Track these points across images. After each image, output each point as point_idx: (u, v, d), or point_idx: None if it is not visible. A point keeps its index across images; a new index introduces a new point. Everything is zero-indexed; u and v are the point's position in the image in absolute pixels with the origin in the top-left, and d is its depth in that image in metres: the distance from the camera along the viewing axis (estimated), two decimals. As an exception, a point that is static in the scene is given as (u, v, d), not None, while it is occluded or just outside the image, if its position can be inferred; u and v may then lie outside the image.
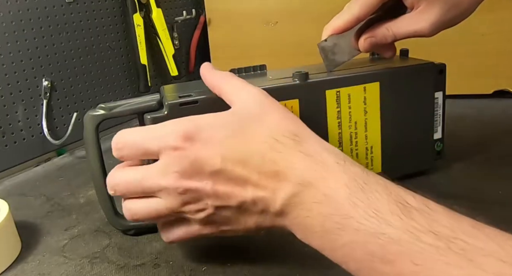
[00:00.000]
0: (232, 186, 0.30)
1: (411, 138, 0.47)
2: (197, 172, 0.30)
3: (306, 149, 0.30)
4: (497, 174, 0.49)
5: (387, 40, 0.42)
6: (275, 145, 0.30)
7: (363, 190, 0.27)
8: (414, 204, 0.25)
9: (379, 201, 0.26)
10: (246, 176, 0.30)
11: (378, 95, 0.45)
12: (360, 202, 0.26)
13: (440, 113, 0.48)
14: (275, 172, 0.29)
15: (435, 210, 0.25)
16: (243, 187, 0.30)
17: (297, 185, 0.28)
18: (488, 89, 0.76)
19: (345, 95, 0.43)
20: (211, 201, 0.31)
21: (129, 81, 0.80)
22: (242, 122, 0.31)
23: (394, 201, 0.26)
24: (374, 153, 0.46)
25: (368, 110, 0.44)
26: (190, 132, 0.30)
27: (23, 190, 0.56)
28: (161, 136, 0.31)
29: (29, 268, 0.39)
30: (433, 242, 0.23)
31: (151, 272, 0.37)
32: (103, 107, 0.38)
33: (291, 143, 0.30)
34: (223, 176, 0.30)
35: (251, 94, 0.33)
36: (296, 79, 0.42)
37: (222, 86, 0.35)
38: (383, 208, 0.25)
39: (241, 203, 0.30)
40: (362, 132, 0.45)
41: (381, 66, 0.46)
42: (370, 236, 0.25)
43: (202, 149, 0.30)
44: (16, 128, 0.62)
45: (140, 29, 0.77)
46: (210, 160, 0.30)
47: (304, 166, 0.29)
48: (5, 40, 0.60)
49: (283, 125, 0.31)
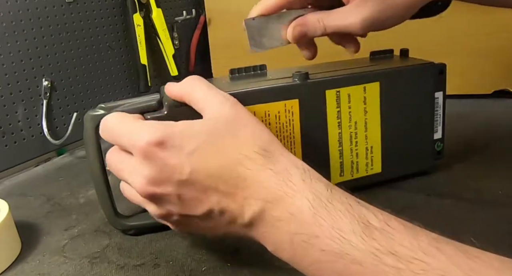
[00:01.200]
0: (199, 196, 0.30)
1: (411, 138, 0.47)
2: (164, 179, 0.30)
3: (275, 166, 0.30)
4: (497, 174, 0.49)
5: (317, 32, 0.41)
6: (244, 162, 0.30)
7: (327, 209, 0.27)
8: (375, 223, 0.26)
9: (342, 221, 0.26)
10: (214, 187, 0.30)
11: (378, 95, 0.44)
12: (324, 221, 0.26)
13: (440, 113, 0.48)
14: (243, 188, 0.29)
15: (396, 229, 0.25)
16: (210, 198, 0.30)
17: (264, 202, 0.29)
18: (488, 89, 0.76)
19: (345, 95, 0.43)
20: (177, 209, 0.31)
21: (129, 81, 0.80)
22: (214, 134, 0.31)
23: (356, 221, 0.26)
24: (374, 153, 0.46)
25: (368, 110, 0.44)
26: (162, 138, 0.30)
27: (23, 190, 0.56)
28: (136, 136, 0.31)
29: (29, 268, 0.39)
30: (393, 263, 0.23)
31: (151, 272, 0.37)
32: (103, 107, 0.38)
33: (261, 159, 0.30)
34: (190, 186, 0.30)
35: (222, 103, 0.33)
36: (296, 79, 0.42)
37: (191, 92, 0.34)
38: (346, 228, 0.26)
39: (207, 213, 0.30)
40: (362, 132, 0.45)
41: (381, 66, 0.46)
42: (335, 256, 0.25)
43: (171, 157, 0.30)
44: (16, 128, 0.62)
45: (140, 29, 0.77)
46: (178, 169, 0.30)
47: (272, 183, 0.29)
48: (5, 40, 0.60)
49: (254, 140, 0.31)
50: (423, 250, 0.24)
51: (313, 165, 0.42)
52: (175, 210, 0.31)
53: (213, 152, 0.30)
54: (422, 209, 0.43)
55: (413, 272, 0.23)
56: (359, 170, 0.46)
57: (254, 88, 0.40)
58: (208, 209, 0.30)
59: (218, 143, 0.30)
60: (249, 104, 0.39)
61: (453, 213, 0.42)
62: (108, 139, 0.34)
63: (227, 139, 0.31)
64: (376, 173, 0.47)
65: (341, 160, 0.45)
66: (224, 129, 0.31)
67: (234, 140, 0.31)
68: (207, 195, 0.30)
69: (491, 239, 0.37)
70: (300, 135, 0.42)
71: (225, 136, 0.31)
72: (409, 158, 0.48)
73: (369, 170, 0.46)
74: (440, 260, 0.23)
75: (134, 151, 0.31)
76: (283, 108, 0.41)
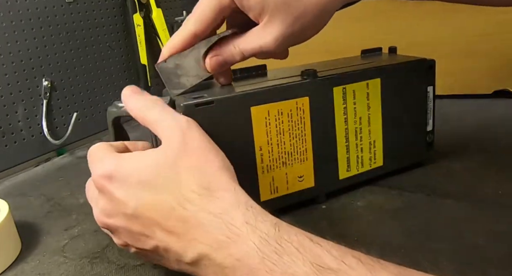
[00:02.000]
0: (145, 231, 0.30)
1: (408, 131, 0.49)
2: (113, 211, 0.31)
3: (214, 208, 0.28)
4: (497, 174, 0.49)
5: (235, 58, 0.38)
6: (183, 203, 0.29)
7: (276, 252, 0.25)
8: (331, 263, 0.24)
9: (295, 264, 0.25)
10: (158, 224, 0.29)
11: (379, 91, 0.46)
12: (275, 266, 0.25)
13: (431, 107, 0.50)
14: (186, 229, 0.28)
15: (353, 268, 0.24)
16: (155, 234, 0.29)
17: (207, 247, 0.27)
18: (488, 89, 0.76)
19: (351, 91, 0.44)
20: (130, 241, 0.31)
21: (129, 81, 0.80)
22: (159, 167, 0.30)
23: (309, 263, 0.24)
24: (376, 147, 0.47)
25: (371, 106, 0.46)
26: (110, 171, 0.31)
27: (23, 190, 0.56)
28: (94, 169, 0.32)
29: (29, 268, 0.39)
30: None
31: (151, 272, 0.37)
32: (116, 105, 0.38)
33: (199, 201, 0.29)
34: (136, 220, 0.30)
35: (170, 130, 0.32)
36: (306, 77, 0.42)
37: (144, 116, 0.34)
38: (300, 272, 0.24)
39: (154, 248, 0.30)
40: (366, 127, 0.46)
41: (381, 62, 0.47)
42: None
43: (118, 190, 0.30)
44: (16, 128, 0.62)
45: (140, 29, 0.77)
46: (124, 203, 0.30)
47: (212, 227, 0.27)
48: (5, 40, 0.60)
49: (194, 175, 0.30)
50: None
51: (323, 161, 0.44)
52: (129, 242, 0.31)
53: (154, 186, 0.30)
54: (422, 209, 0.43)
55: None
56: (364, 165, 0.47)
57: (267, 87, 0.40)
58: (154, 245, 0.30)
59: (160, 178, 0.30)
60: (262, 103, 0.39)
61: (453, 213, 0.42)
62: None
63: (168, 172, 0.30)
64: (378, 166, 0.48)
65: (348, 155, 0.45)
66: (168, 161, 0.30)
67: (174, 174, 0.30)
68: (152, 231, 0.29)
69: (491, 239, 0.37)
70: (310, 133, 0.42)
71: (167, 170, 0.30)
72: (406, 150, 0.50)
73: (372, 164, 0.47)
74: None
75: (94, 182, 0.32)
76: (295, 106, 0.41)
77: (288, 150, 0.41)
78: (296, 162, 0.42)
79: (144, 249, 0.31)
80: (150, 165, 0.30)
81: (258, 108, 0.39)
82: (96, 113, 0.74)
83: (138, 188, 0.30)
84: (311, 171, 0.43)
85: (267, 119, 0.39)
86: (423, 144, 0.51)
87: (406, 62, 0.48)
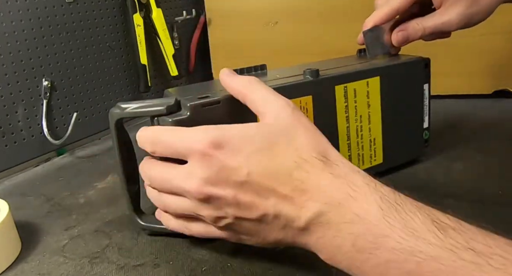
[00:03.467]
0: (256, 198, 0.30)
1: (407, 129, 0.50)
2: (222, 180, 0.30)
3: (335, 170, 0.29)
4: (497, 174, 0.49)
5: (417, 34, 0.47)
6: (303, 165, 0.29)
7: (396, 210, 0.26)
8: (449, 223, 0.25)
9: (414, 221, 0.26)
10: (271, 190, 0.29)
11: (379, 89, 0.46)
12: (395, 221, 0.26)
13: (427, 104, 0.51)
14: (302, 191, 0.29)
15: (469, 229, 0.25)
16: (267, 200, 0.30)
17: (324, 205, 0.28)
18: (488, 89, 0.76)
19: (352, 90, 0.45)
20: (232, 211, 0.31)
21: (129, 81, 0.80)
22: (272, 137, 0.31)
23: (429, 220, 0.26)
24: (376, 144, 0.48)
25: (371, 104, 0.46)
26: (220, 140, 0.30)
27: (23, 190, 0.56)
28: (191, 140, 0.31)
29: (29, 268, 0.39)
30: (472, 259, 0.23)
31: (151, 272, 0.37)
32: (119, 107, 0.38)
33: (320, 164, 0.30)
34: (247, 188, 0.30)
35: (280, 107, 0.33)
36: (308, 76, 0.43)
37: (248, 94, 0.35)
38: (420, 227, 0.25)
39: (262, 216, 0.30)
40: (366, 125, 0.46)
41: (379, 61, 0.48)
42: (407, 254, 0.25)
43: (229, 159, 0.30)
44: (16, 128, 0.62)
45: (140, 29, 0.77)
46: (236, 171, 0.30)
47: (333, 186, 0.28)
48: (5, 40, 0.60)
49: (312, 145, 0.31)
50: (500, 247, 0.23)
51: None
52: (230, 212, 0.31)
53: (270, 155, 0.30)
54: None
55: (493, 267, 0.22)
56: (364, 162, 0.47)
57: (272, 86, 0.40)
58: (264, 211, 0.30)
59: (276, 147, 0.30)
60: None
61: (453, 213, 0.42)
62: (162, 152, 0.34)
63: (284, 144, 0.31)
64: (378, 163, 0.49)
65: (349, 153, 0.46)
66: (282, 134, 0.31)
67: (292, 145, 0.30)
68: (265, 198, 0.30)
69: None
70: None
71: (283, 141, 0.31)
72: (404, 147, 0.51)
73: (372, 162, 0.48)
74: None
75: (191, 154, 0.31)
76: (299, 105, 0.42)
77: None
78: None
79: (247, 219, 0.30)
80: (263, 134, 0.31)
81: None
82: (96, 113, 0.74)
83: (252, 155, 0.30)
84: None
85: None
86: (420, 141, 0.52)
87: (404, 61, 0.49)
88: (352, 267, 0.28)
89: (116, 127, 0.39)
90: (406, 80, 0.48)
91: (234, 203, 0.30)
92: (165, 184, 0.34)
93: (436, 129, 0.52)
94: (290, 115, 0.32)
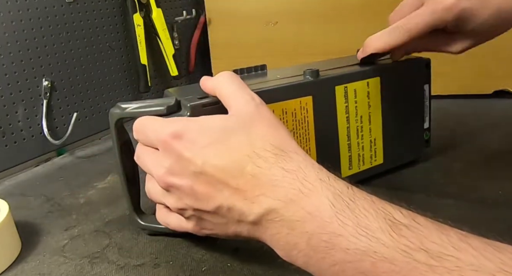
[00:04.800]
0: (210, 189, 0.30)
1: (407, 129, 0.50)
2: (180, 170, 0.31)
3: (288, 165, 0.29)
4: (497, 174, 0.49)
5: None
6: (255, 160, 0.29)
7: (349, 207, 0.26)
8: (402, 220, 0.25)
9: (368, 219, 0.25)
10: (225, 182, 0.30)
11: (379, 90, 0.46)
12: (348, 220, 0.25)
13: (427, 105, 0.51)
14: (254, 186, 0.29)
15: (423, 225, 0.25)
16: (221, 192, 0.30)
17: (276, 201, 0.28)
18: (488, 89, 0.76)
19: (352, 90, 0.44)
20: (190, 202, 0.32)
21: (129, 81, 0.80)
22: (229, 130, 0.31)
23: (382, 218, 0.25)
24: (377, 145, 0.48)
25: (371, 104, 0.46)
26: (180, 131, 0.32)
27: (23, 190, 0.56)
28: (159, 130, 0.33)
29: (29, 268, 0.39)
30: (426, 260, 0.23)
31: (151, 272, 0.37)
32: (119, 107, 0.38)
33: (273, 158, 0.29)
34: (203, 179, 0.30)
35: (244, 101, 0.33)
36: (308, 76, 0.42)
37: (221, 88, 0.35)
38: (372, 226, 0.25)
39: (217, 208, 0.30)
40: (367, 126, 0.46)
41: (381, 61, 0.48)
42: (361, 255, 0.24)
43: (185, 149, 0.31)
44: (16, 128, 0.62)
45: (140, 29, 0.77)
46: (192, 160, 0.31)
47: (284, 182, 0.28)
48: (5, 40, 0.60)
49: (268, 138, 0.31)
50: (454, 246, 0.23)
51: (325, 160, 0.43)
52: (189, 203, 0.32)
53: (225, 148, 0.30)
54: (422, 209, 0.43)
55: (447, 269, 0.22)
56: (365, 163, 0.47)
57: (271, 87, 0.40)
58: (218, 204, 0.30)
59: (231, 140, 0.31)
60: (267, 103, 0.39)
61: (453, 213, 0.42)
62: (141, 140, 0.36)
63: (240, 136, 0.31)
64: (379, 164, 0.48)
65: (350, 153, 0.46)
66: (240, 127, 0.32)
67: (246, 138, 0.31)
68: (218, 189, 0.30)
69: (491, 239, 0.37)
70: (314, 132, 0.43)
71: (239, 133, 0.31)
72: (405, 148, 0.50)
73: (373, 162, 0.48)
74: (473, 255, 0.22)
75: (158, 144, 0.33)
76: (299, 105, 0.42)
77: None
78: None
79: (204, 211, 0.31)
80: (221, 126, 0.32)
81: None
82: (96, 113, 0.74)
83: (207, 147, 0.31)
84: None
85: None
86: (420, 141, 0.52)
87: (404, 61, 0.49)
88: (308, 265, 0.27)
89: (116, 127, 0.39)
90: (406, 80, 0.48)
91: (191, 194, 0.31)
92: (143, 166, 0.35)
93: (436, 129, 0.52)
94: (253, 109, 0.33)
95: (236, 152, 0.30)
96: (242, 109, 0.33)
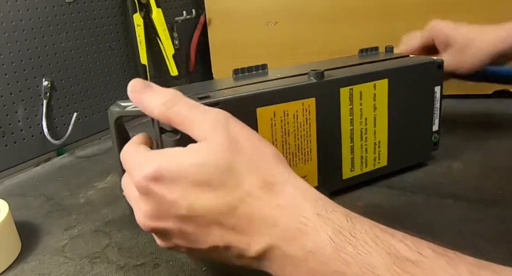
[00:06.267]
0: (201, 230, 0.28)
1: (414, 132, 0.49)
2: (163, 214, 0.29)
3: (282, 201, 0.27)
4: (497, 174, 0.49)
5: None
6: (246, 198, 0.27)
7: (351, 243, 0.25)
8: (407, 254, 0.24)
9: (371, 255, 0.24)
10: (216, 222, 0.28)
11: (387, 92, 0.45)
12: (350, 257, 0.24)
13: (438, 107, 0.50)
14: (249, 225, 0.27)
15: (430, 258, 0.24)
16: (214, 232, 0.28)
17: (276, 239, 0.27)
18: (488, 89, 0.76)
19: (357, 92, 0.44)
20: (181, 242, 0.30)
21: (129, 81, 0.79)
22: (212, 167, 0.28)
23: (386, 254, 0.24)
24: (381, 147, 0.47)
25: (377, 106, 0.45)
26: (157, 174, 0.28)
27: (23, 190, 0.56)
28: (135, 171, 0.29)
29: (29, 268, 0.39)
30: None
31: (151, 272, 0.37)
32: (119, 105, 0.38)
33: (265, 196, 0.28)
34: (191, 221, 0.28)
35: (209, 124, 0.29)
36: (312, 78, 0.41)
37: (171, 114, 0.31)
38: (376, 263, 0.24)
39: (213, 247, 0.29)
40: (371, 128, 0.46)
41: (389, 63, 0.47)
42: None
43: (167, 192, 0.28)
44: (16, 128, 0.62)
45: (140, 29, 0.77)
46: (175, 204, 0.28)
47: (281, 220, 0.27)
48: (5, 40, 0.60)
49: (252, 170, 0.28)
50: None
51: (326, 162, 0.44)
52: (180, 243, 0.30)
53: (213, 187, 0.28)
54: (422, 209, 0.43)
55: None
56: (368, 165, 0.47)
57: (273, 88, 0.40)
58: (214, 243, 0.28)
59: (218, 178, 0.28)
60: (268, 104, 0.39)
61: (453, 213, 0.42)
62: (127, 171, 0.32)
63: (226, 173, 0.28)
64: (382, 166, 0.48)
65: (352, 155, 0.45)
66: (223, 162, 0.28)
67: (233, 174, 0.28)
68: (210, 230, 0.28)
69: (491, 239, 0.37)
70: (315, 134, 0.42)
71: (219, 168, 0.28)
72: (411, 150, 0.50)
73: (376, 164, 0.47)
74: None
75: (137, 189, 0.30)
76: (301, 107, 0.41)
77: (292, 150, 0.41)
78: (300, 162, 0.42)
79: (200, 249, 0.29)
80: (200, 164, 0.28)
81: (264, 109, 0.39)
82: (96, 113, 0.74)
83: (191, 188, 0.28)
84: (314, 171, 0.43)
85: (273, 120, 0.39)
86: (428, 144, 0.51)
87: (416, 62, 0.47)
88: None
89: (116, 125, 0.38)
90: (417, 82, 0.47)
91: (180, 236, 0.29)
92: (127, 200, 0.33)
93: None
94: (225, 137, 0.29)
95: (223, 191, 0.28)
96: (213, 136, 0.29)
